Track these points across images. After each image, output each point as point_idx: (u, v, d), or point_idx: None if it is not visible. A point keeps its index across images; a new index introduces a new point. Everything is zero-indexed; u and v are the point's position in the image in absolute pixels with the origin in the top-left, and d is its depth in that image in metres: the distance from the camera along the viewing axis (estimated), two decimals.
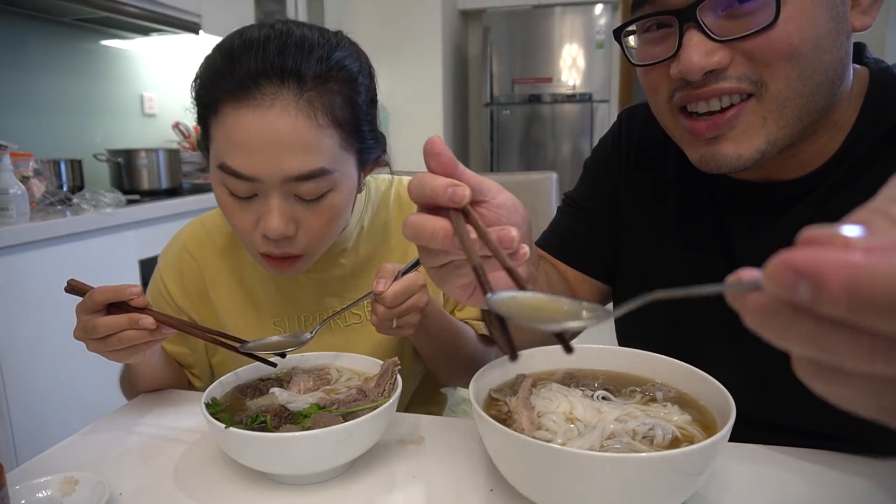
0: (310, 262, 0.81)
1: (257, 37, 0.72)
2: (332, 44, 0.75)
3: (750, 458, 0.66)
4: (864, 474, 0.62)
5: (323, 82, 0.72)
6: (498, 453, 0.57)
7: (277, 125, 0.69)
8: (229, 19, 2.93)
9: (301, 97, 0.70)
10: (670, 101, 0.66)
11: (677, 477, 0.51)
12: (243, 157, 0.70)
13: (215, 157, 0.74)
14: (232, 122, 0.70)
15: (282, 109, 0.69)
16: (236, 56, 0.71)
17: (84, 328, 0.69)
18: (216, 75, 0.72)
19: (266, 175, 0.71)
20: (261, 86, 0.70)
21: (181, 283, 0.92)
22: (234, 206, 0.75)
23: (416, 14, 4.21)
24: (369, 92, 0.79)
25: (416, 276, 0.76)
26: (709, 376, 0.62)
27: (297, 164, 0.71)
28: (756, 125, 0.62)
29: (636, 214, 0.85)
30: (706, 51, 0.60)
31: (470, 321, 0.98)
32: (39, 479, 0.61)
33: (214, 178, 0.76)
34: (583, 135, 4.44)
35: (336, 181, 0.75)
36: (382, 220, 0.94)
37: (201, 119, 0.76)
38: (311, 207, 0.75)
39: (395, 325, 0.76)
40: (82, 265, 1.85)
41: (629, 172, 0.86)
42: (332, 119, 0.72)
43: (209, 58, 0.76)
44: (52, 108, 2.45)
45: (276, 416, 0.66)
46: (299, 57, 0.71)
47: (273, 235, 0.73)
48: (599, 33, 4.31)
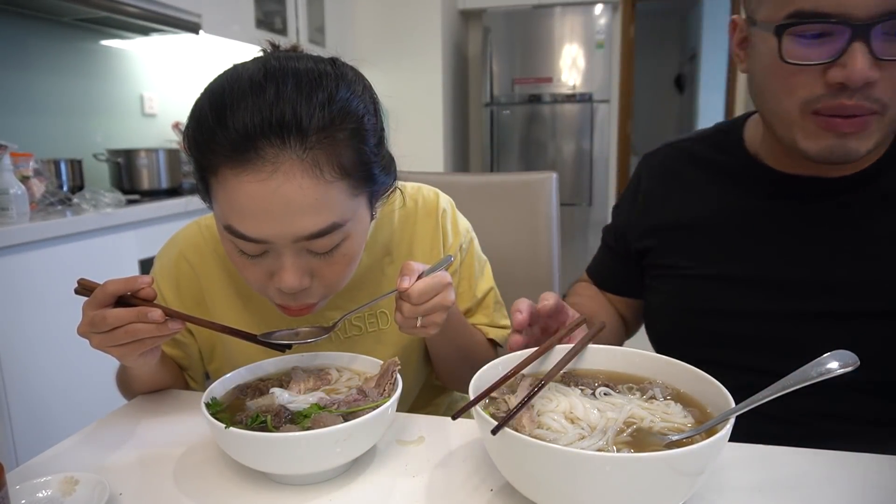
0: (325, 303, 0.79)
1: (249, 83, 0.66)
2: (332, 80, 0.69)
3: (750, 458, 0.66)
4: (864, 473, 0.62)
5: (328, 134, 0.67)
6: (498, 453, 0.57)
7: (283, 190, 0.65)
8: (229, 19, 2.93)
9: (305, 156, 0.65)
10: (804, 101, 0.73)
11: (677, 477, 0.51)
12: (250, 222, 0.67)
13: (220, 217, 0.70)
14: (234, 187, 0.66)
15: (286, 173, 0.65)
16: (228, 110, 0.65)
17: (92, 321, 0.67)
18: (209, 134, 0.66)
19: (276, 238, 0.68)
20: (260, 148, 0.64)
21: (177, 289, 0.90)
22: (245, 261, 0.72)
23: (416, 14, 4.21)
24: (377, 131, 0.74)
25: (442, 275, 0.74)
26: (709, 376, 0.62)
27: (308, 224, 0.67)
28: (876, 131, 0.73)
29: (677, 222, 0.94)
30: (870, 64, 0.68)
31: (480, 326, 0.98)
32: (39, 479, 0.61)
33: (221, 234, 0.73)
34: (583, 135, 4.43)
35: (349, 230, 0.72)
36: (386, 233, 0.92)
37: (199, 174, 0.71)
38: (326, 258, 0.72)
39: (419, 323, 0.74)
40: (82, 265, 1.85)
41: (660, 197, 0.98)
42: (339, 172, 0.68)
43: (200, 108, 0.69)
44: (52, 108, 2.45)
45: (276, 416, 0.65)
46: (299, 104, 0.65)
47: (289, 291, 0.72)
48: (599, 33, 4.30)
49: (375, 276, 0.91)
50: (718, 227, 0.89)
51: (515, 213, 1.28)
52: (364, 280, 0.90)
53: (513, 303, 0.77)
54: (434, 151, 4.33)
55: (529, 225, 1.27)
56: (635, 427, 0.59)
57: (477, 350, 0.93)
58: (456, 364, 0.93)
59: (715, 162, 0.93)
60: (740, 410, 0.54)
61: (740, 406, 0.54)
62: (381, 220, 0.92)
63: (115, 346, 0.68)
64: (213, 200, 0.71)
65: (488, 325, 0.99)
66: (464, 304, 0.97)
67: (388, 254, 0.93)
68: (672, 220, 0.94)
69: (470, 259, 0.98)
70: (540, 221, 1.27)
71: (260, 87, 0.66)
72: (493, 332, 0.98)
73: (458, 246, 0.96)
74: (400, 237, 0.93)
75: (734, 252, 0.87)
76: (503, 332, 1.00)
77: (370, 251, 0.90)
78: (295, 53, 0.74)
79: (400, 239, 0.93)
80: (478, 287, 0.98)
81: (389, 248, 0.93)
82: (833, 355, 0.53)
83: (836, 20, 0.68)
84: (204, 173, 0.70)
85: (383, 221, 0.92)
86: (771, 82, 0.77)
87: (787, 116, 0.76)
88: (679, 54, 7.94)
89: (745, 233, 0.86)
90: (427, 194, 0.96)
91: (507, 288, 1.04)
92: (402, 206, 0.94)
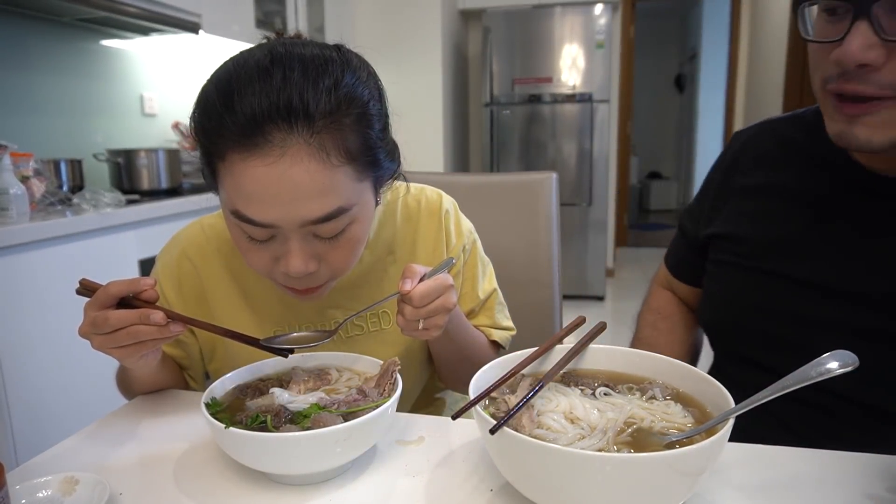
0: (333, 284, 0.79)
1: (256, 68, 0.66)
2: (338, 66, 0.69)
3: (750, 458, 0.66)
4: (865, 473, 0.62)
5: (334, 119, 0.67)
6: (497, 453, 0.57)
7: (290, 173, 0.65)
8: (229, 19, 2.93)
9: (312, 139, 0.66)
10: (823, 79, 0.69)
11: (677, 477, 0.51)
12: (258, 206, 0.67)
13: (227, 202, 0.71)
14: (241, 171, 0.66)
15: (294, 157, 0.65)
16: (236, 95, 0.65)
17: (94, 322, 0.67)
18: (217, 119, 0.66)
19: (283, 222, 0.68)
20: (268, 132, 0.64)
21: (179, 289, 0.89)
22: (251, 246, 0.73)
23: (416, 14, 4.20)
24: (382, 117, 0.75)
25: (445, 277, 0.74)
26: (708, 376, 0.62)
27: (315, 208, 0.68)
28: (886, 120, 0.66)
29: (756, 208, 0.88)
30: (868, 44, 0.63)
31: (482, 328, 0.98)
32: (39, 479, 0.61)
33: (228, 219, 0.73)
34: (583, 135, 4.44)
35: (355, 214, 0.72)
36: (389, 231, 0.92)
37: (206, 159, 0.72)
38: (332, 242, 0.73)
39: (421, 326, 0.74)
40: (82, 265, 1.85)
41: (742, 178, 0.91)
42: (346, 156, 0.68)
43: (206, 93, 0.69)
44: (52, 108, 2.45)
45: (276, 416, 0.65)
46: (305, 89, 0.66)
47: (296, 275, 0.72)
48: (599, 33, 4.30)
49: (378, 274, 0.91)
50: (789, 221, 0.82)
51: (515, 213, 1.28)
52: (366, 279, 0.90)
53: (514, 304, 0.77)
54: (434, 151, 4.33)
55: (529, 225, 1.27)
56: (635, 427, 0.59)
57: (479, 352, 0.93)
58: (458, 366, 0.93)
59: (797, 143, 0.85)
60: (740, 410, 0.54)
61: (740, 406, 0.54)
62: (385, 219, 0.92)
63: (116, 347, 0.68)
64: (221, 186, 0.71)
65: (491, 326, 0.99)
66: (466, 306, 0.97)
67: (391, 253, 0.93)
68: (742, 206, 0.88)
69: (473, 260, 0.98)
70: (540, 221, 1.27)
71: (267, 72, 0.66)
72: (495, 333, 0.98)
73: (461, 247, 0.96)
74: (403, 237, 0.93)
75: (801, 249, 0.80)
76: (506, 333, 1.00)
77: (373, 249, 0.90)
78: (300, 40, 0.74)
79: (403, 238, 0.93)
80: (481, 289, 0.98)
81: (392, 247, 0.93)
82: (833, 355, 0.53)
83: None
84: (211, 158, 0.70)
85: (386, 220, 0.92)
86: (808, 58, 0.73)
87: (816, 95, 0.73)
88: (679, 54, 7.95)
89: (819, 231, 0.79)
90: (430, 195, 0.96)
91: (507, 288, 1.04)
92: (405, 205, 0.94)
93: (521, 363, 0.66)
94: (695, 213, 0.99)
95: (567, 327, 0.75)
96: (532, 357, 0.68)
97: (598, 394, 0.65)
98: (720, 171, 0.96)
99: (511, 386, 0.66)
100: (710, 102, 6.44)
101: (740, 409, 0.54)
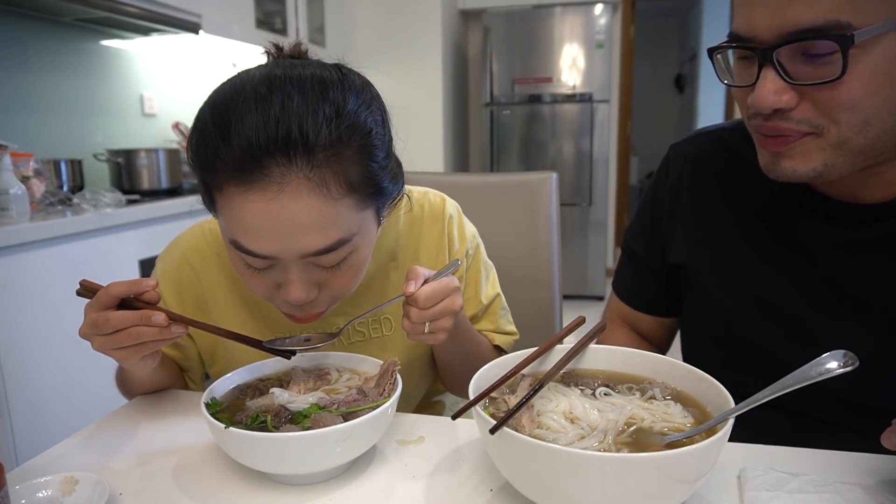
0: (335, 307, 0.79)
1: (253, 95, 0.64)
2: (339, 91, 0.67)
3: (750, 458, 0.66)
4: (865, 473, 0.62)
5: (336, 151, 0.65)
6: (497, 453, 0.57)
7: (290, 209, 0.63)
8: (229, 19, 2.93)
9: (312, 173, 0.63)
10: (747, 116, 0.71)
11: (677, 477, 0.51)
12: (256, 239, 0.66)
13: (226, 231, 0.69)
14: (239, 206, 0.64)
15: (293, 192, 0.63)
16: (233, 126, 0.63)
17: (94, 323, 0.66)
18: (213, 150, 0.64)
19: (283, 254, 0.67)
20: (266, 166, 0.62)
21: (179, 294, 0.89)
22: (251, 274, 0.72)
23: (416, 14, 4.21)
24: (385, 143, 0.72)
25: (450, 279, 0.73)
26: (708, 376, 0.62)
27: (314, 241, 0.66)
28: (814, 151, 0.67)
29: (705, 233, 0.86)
30: (776, 90, 0.64)
31: (486, 332, 0.98)
32: (39, 479, 0.61)
33: (227, 247, 0.71)
34: (583, 135, 4.44)
35: (356, 244, 0.71)
36: (391, 237, 0.91)
37: (204, 187, 0.70)
38: (333, 270, 0.71)
39: (427, 329, 0.72)
40: (82, 265, 1.85)
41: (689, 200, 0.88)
42: (347, 188, 0.66)
43: (203, 121, 0.67)
44: (52, 108, 2.45)
45: (276, 416, 0.66)
46: (305, 119, 0.63)
47: (296, 304, 0.71)
48: (599, 33, 4.31)
49: (381, 281, 0.91)
50: (752, 247, 0.81)
51: (515, 213, 1.28)
52: (369, 285, 0.89)
53: (514, 304, 0.76)
54: (434, 151, 4.33)
55: (529, 225, 1.27)
56: (635, 427, 0.59)
57: (483, 356, 0.92)
58: (461, 370, 0.93)
59: (744, 155, 0.82)
60: (740, 410, 0.54)
61: (740, 406, 0.54)
62: (387, 225, 0.91)
63: (117, 348, 0.68)
64: (219, 214, 0.70)
65: (494, 331, 0.98)
66: (470, 311, 0.96)
67: (394, 259, 0.92)
68: (704, 231, 0.86)
69: (476, 265, 0.97)
70: (540, 221, 1.27)
71: (265, 100, 0.64)
72: (498, 338, 0.98)
73: (465, 252, 0.95)
74: (406, 242, 0.93)
75: (765, 277, 0.79)
76: (509, 338, 0.99)
77: (376, 256, 0.89)
78: (300, 60, 0.72)
79: (406, 244, 0.93)
80: (484, 293, 0.97)
81: (395, 253, 0.92)
82: (832, 355, 0.53)
83: (747, 44, 0.65)
84: (209, 187, 0.68)
85: (389, 226, 0.91)
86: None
87: (748, 126, 0.73)
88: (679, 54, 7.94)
89: (779, 251, 0.79)
90: (433, 199, 0.95)
91: (507, 288, 1.04)
92: (408, 210, 0.93)
93: (521, 363, 0.66)
94: (645, 236, 0.95)
95: (567, 327, 0.75)
96: (532, 357, 0.68)
97: (597, 394, 0.65)
98: (666, 191, 0.91)
99: (511, 386, 0.66)
100: (710, 102, 6.44)
101: (740, 409, 0.54)
